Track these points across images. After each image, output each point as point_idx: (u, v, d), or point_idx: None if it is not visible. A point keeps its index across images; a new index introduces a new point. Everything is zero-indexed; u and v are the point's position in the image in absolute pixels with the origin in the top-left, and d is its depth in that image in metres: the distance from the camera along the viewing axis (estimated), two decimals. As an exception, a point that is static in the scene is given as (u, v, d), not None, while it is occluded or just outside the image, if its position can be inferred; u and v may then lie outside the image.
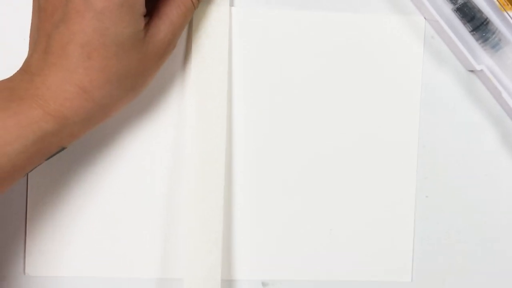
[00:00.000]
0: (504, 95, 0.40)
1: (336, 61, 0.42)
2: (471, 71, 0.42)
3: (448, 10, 0.41)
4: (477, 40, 0.41)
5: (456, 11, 0.41)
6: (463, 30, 0.41)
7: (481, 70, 0.40)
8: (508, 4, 0.41)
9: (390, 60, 0.42)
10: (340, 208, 0.43)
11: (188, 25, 0.41)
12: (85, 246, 0.42)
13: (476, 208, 0.43)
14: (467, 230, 0.43)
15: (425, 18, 0.42)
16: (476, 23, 0.41)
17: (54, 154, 0.36)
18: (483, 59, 0.42)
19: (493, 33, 0.41)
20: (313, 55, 0.42)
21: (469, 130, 0.43)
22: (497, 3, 0.41)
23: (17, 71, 0.36)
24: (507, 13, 0.41)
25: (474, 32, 0.41)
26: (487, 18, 0.41)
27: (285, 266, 0.43)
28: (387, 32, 0.42)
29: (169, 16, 0.37)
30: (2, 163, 0.33)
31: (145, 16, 0.36)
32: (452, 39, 0.40)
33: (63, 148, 0.36)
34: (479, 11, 0.41)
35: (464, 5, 0.41)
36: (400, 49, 0.42)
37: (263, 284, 0.43)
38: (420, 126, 0.43)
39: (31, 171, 0.35)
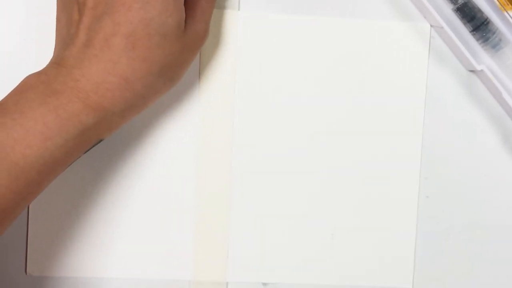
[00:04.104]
0: (505, 95, 0.40)
1: (341, 64, 0.42)
2: (472, 71, 0.42)
3: (448, 10, 0.41)
4: (477, 40, 0.41)
5: (457, 11, 0.41)
6: (464, 30, 0.41)
7: (482, 70, 0.40)
8: (508, 4, 0.40)
9: (395, 65, 0.42)
10: (342, 210, 0.43)
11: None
12: (86, 246, 0.42)
13: (476, 208, 0.43)
14: (468, 230, 0.43)
15: (425, 17, 0.42)
16: (477, 23, 0.41)
17: (92, 147, 0.36)
18: (484, 59, 0.42)
19: (494, 33, 0.41)
20: (319, 60, 0.42)
21: (469, 130, 0.43)
22: (497, 3, 0.41)
23: (49, 65, 0.36)
24: (508, 13, 0.41)
25: (475, 32, 0.41)
26: (487, 18, 0.41)
27: (286, 269, 0.43)
28: (392, 37, 0.42)
29: (200, 5, 0.38)
30: (45, 158, 0.33)
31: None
32: (453, 39, 0.40)
33: (100, 140, 0.36)
34: (480, 11, 0.41)
35: (465, 5, 0.41)
36: (405, 54, 0.42)
37: (264, 285, 0.43)
38: (421, 126, 0.43)
39: (70, 165, 0.36)
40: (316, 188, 0.43)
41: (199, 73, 0.42)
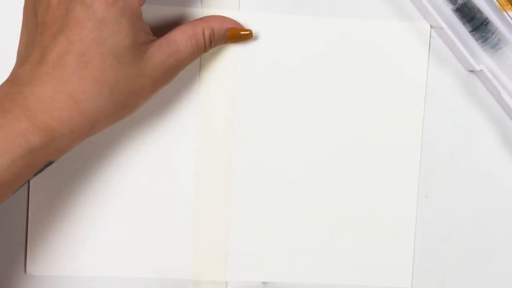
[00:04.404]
0: (504, 95, 0.40)
1: (341, 64, 0.42)
2: (471, 71, 0.42)
3: (448, 10, 0.41)
4: (476, 40, 0.41)
5: (456, 11, 0.41)
6: (463, 30, 0.41)
7: (481, 70, 0.40)
8: (507, 4, 0.41)
9: (395, 65, 0.42)
10: (342, 210, 0.43)
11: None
12: (86, 245, 0.42)
13: (475, 208, 0.43)
14: (467, 230, 0.43)
15: (424, 17, 0.42)
16: (476, 23, 0.41)
17: (42, 169, 0.35)
18: (483, 59, 0.42)
19: (493, 33, 0.41)
20: (319, 60, 0.42)
21: (469, 130, 0.43)
22: (496, 3, 0.41)
23: (4, 82, 0.35)
24: (507, 13, 0.41)
25: (474, 32, 0.41)
26: (486, 18, 0.41)
27: (286, 269, 0.43)
28: (392, 37, 0.42)
29: (177, 44, 0.37)
30: None
31: (153, 36, 0.36)
32: (452, 39, 0.40)
33: (50, 163, 0.35)
34: (479, 11, 0.41)
35: (464, 5, 0.41)
36: (405, 54, 0.42)
37: (264, 284, 0.43)
38: (420, 126, 0.43)
39: (20, 188, 0.34)
40: (315, 188, 0.43)
41: (199, 73, 0.42)
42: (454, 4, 0.41)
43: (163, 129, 0.42)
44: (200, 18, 0.40)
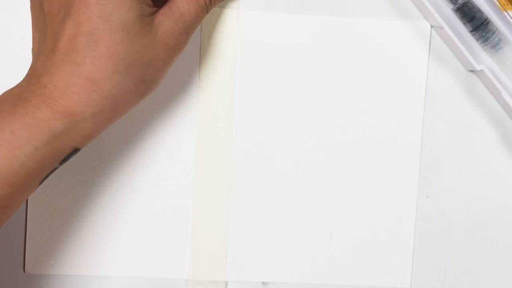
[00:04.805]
0: (504, 95, 0.40)
1: (341, 64, 0.42)
2: (471, 71, 0.42)
3: (448, 10, 0.41)
4: (477, 40, 0.41)
5: (456, 11, 0.41)
6: (463, 30, 0.41)
7: (481, 70, 0.40)
8: (508, 4, 0.41)
9: (395, 64, 0.42)
10: (341, 210, 0.43)
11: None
12: (84, 244, 0.42)
13: (475, 208, 0.43)
14: (467, 230, 0.43)
15: (425, 17, 0.42)
16: (476, 23, 0.41)
17: (68, 157, 0.35)
18: (483, 59, 0.42)
19: (493, 33, 0.41)
20: (319, 60, 0.42)
21: (469, 130, 0.43)
22: (497, 3, 0.41)
23: (23, 79, 0.35)
24: (507, 13, 0.41)
25: (474, 32, 0.41)
26: (487, 18, 0.41)
27: (286, 269, 0.43)
28: (392, 37, 0.42)
29: (179, 8, 0.37)
30: (15, 168, 0.32)
31: (154, 7, 0.36)
32: (452, 39, 0.40)
33: (76, 150, 0.35)
34: (479, 11, 0.41)
35: (464, 5, 0.41)
36: (405, 54, 0.42)
37: (263, 284, 0.43)
38: (420, 126, 0.43)
39: (47, 177, 0.34)
40: (315, 187, 0.42)
41: (199, 73, 0.42)
42: (455, 4, 0.41)
43: (163, 129, 0.42)
44: None
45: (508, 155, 0.43)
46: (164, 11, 0.37)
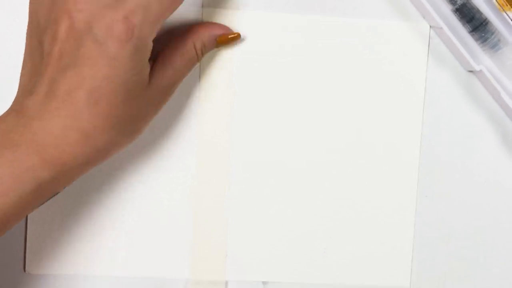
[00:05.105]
0: (503, 95, 0.40)
1: (340, 64, 0.42)
2: (470, 71, 0.42)
3: (447, 10, 0.42)
4: (476, 40, 0.41)
5: (455, 12, 0.41)
6: (463, 30, 0.42)
7: (480, 71, 0.40)
8: (507, 5, 0.41)
9: (394, 65, 0.42)
10: (341, 209, 0.43)
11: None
12: (84, 244, 0.42)
13: (475, 208, 0.43)
14: (466, 230, 0.43)
15: (424, 17, 0.42)
16: (475, 23, 0.41)
17: (48, 199, 0.35)
18: (482, 59, 0.42)
19: (492, 33, 0.41)
20: (318, 60, 0.42)
21: (468, 130, 0.43)
22: (496, 3, 0.41)
23: (9, 112, 0.35)
24: (506, 13, 0.41)
25: (473, 33, 0.41)
26: (486, 18, 0.41)
27: (286, 268, 0.43)
28: (392, 37, 0.42)
29: (172, 64, 0.37)
30: None
31: (149, 61, 0.36)
32: (451, 40, 0.40)
33: (57, 193, 0.35)
34: (478, 11, 0.41)
35: (463, 5, 0.41)
36: (404, 54, 0.42)
37: (263, 284, 0.43)
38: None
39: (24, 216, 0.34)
40: (315, 186, 0.43)
41: (199, 73, 0.42)
42: (454, 5, 0.41)
43: (163, 128, 0.42)
44: (188, 30, 0.39)
45: (507, 156, 0.43)
46: (159, 69, 0.37)
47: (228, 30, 0.41)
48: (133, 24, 0.33)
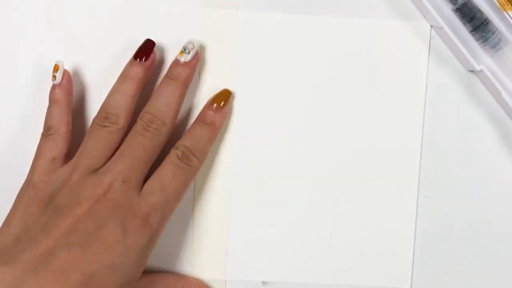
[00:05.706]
0: (504, 95, 0.40)
1: (340, 64, 0.42)
2: (471, 71, 0.42)
3: (448, 10, 0.41)
4: (477, 40, 0.41)
5: (456, 11, 0.41)
6: (463, 30, 0.41)
7: (481, 70, 0.40)
8: (508, 4, 0.41)
9: (395, 65, 0.42)
10: (341, 210, 0.43)
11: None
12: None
13: (475, 208, 0.43)
14: (467, 231, 0.43)
15: (425, 17, 0.42)
16: (476, 23, 0.41)
17: None
18: (483, 59, 0.42)
19: (493, 33, 0.41)
20: (318, 60, 0.42)
21: (469, 129, 0.43)
22: (497, 3, 0.41)
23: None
24: (507, 13, 0.41)
25: (474, 32, 0.41)
26: (487, 18, 0.41)
27: (286, 268, 0.43)
28: (392, 37, 0.42)
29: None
30: None
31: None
32: (452, 39, 0.40)
33: None
34: (479, 11, 0.41)
35: (464, 5, 0.41)
36: (405, 54, 0.42)
37: (263, 283, 0.43)
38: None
39: None
40: (315, 187, 0.43)
41: (199, 73, 0.42)
42: (454, 4, 0.41)
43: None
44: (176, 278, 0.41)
45: (508, 155, 0.43)
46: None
47: None
48: (154, 220, 0.34)
